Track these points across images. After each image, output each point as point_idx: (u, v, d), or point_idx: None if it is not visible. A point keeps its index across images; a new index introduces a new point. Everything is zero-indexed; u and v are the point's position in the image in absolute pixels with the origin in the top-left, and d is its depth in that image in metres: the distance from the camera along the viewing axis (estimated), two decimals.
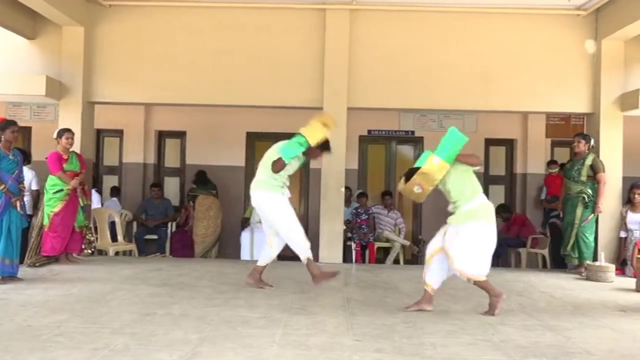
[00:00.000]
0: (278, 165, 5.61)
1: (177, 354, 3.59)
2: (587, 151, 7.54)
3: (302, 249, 5.67)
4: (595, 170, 7.42)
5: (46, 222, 6.88)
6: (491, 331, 4.36)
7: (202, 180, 9.91)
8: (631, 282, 6.60)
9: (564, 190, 7.79)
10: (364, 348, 3.83)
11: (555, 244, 8.77)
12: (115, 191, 10.39)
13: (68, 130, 7.11)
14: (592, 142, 7.62)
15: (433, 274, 5.00)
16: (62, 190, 6.89)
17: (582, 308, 5.36)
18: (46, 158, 7.02)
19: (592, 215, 7.42)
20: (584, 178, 7.42)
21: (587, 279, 7.02)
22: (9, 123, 6.02)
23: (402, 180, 5.09)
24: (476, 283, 4.95)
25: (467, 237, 4.84)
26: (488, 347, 3.95)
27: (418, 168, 4.94)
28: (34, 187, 7.50)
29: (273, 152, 5.79)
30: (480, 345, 3.98)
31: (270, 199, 5.69)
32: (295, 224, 5.68)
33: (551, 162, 9.98)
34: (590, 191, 7.39)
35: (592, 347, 4.01)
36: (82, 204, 7.12)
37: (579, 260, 7.48)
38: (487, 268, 4.95)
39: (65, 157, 7.02)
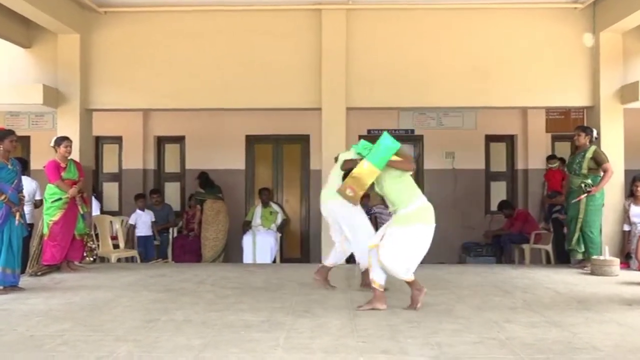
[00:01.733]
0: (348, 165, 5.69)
1: None
2: (588, 144, 7.41)
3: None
4: (598, 162, 7.24)
5: (46, 231, 6.85)
6: (496, 329, 4.33)
7: (208, 183, 9.84)
8: (636, 276, 6.57)
9: (567, 184, 7.69)
10: (370, 349, 3.81)
11: (559, 239, 8.73)
12: (141, 199, 9.93)
13: (66, 139, 7.08)
14: (595, 133, 7.46)
15: (378, 272, 5.00)
16: (60, 199, 6.86)
17: (588, 303, 5.32)
18: (44, 167, 7.00)
19: (585, 195, 7.19)
20: (584, 171, 7.27)
21: (592, 273, 6.98)
22: (8, 133, 6.00)
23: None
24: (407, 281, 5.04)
25: (400, 240, 4.90)
26: (494, 345, 3.92)
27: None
28: (38, 197, 7.45)
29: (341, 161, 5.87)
30: (487, 344, 3.95)
31: (344, 205, 5.65)
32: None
33: (551, 157, 9.92)
34: (590, 182, 7.21)
35: (598, 342, 3.98)
36: (81, 212, 7.09)
37: (584, 255, 7.36)
38: (414, 267, 5.02)
39: (63, 165, 6.99)
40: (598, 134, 7.59)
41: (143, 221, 9.55)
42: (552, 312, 4.93)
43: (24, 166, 7.76)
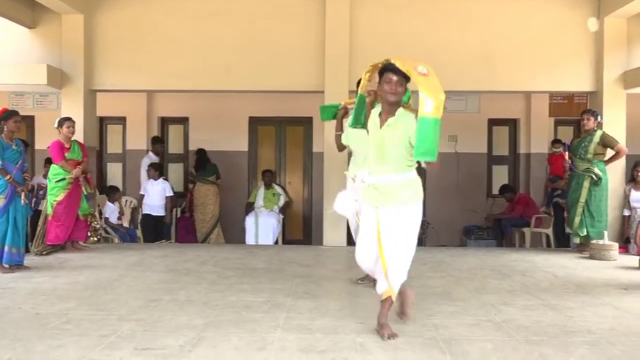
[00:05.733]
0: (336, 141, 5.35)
1: (182, 339, 3.66)
2: (595, 128, 7.33)
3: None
4: (609, 145, 7.22)
5: (50, 211, 6.92)
6: (493, 312, 4.40)
7: (202, 164, 9.92)
8: (634, 260, 6.60)
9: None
10: (367, 330, 3.87)
11: (559, 223, 8.78)
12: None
13: (69, 119, 7.12)
14: (600, 118, 7.44)
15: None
16: (64, 179, 6.93)
17: (585, 287, 5.38)
18: (48, 147, 7.06)
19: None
20: (590, 155, 7.22)
21: (591, 257, 7.03)
22: (12, 113, 6.05)
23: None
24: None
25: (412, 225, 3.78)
26: (490, 327, 3.99)
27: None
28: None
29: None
30: (483, 326, 4.02)
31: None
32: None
33: (555, 142, 9.92)
34: (597, 170, 7.17)
35: (593, 325, 4.05)
36: (85, 193, 7.16)
37: (585, 239, 7.31)
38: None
39: (67, 145, 7.04)
40: (601, 118, 7.58)
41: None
42: (549, 295, 5.00)
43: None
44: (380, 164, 3.79)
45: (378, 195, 3.76)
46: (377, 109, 3.97)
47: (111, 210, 8.93)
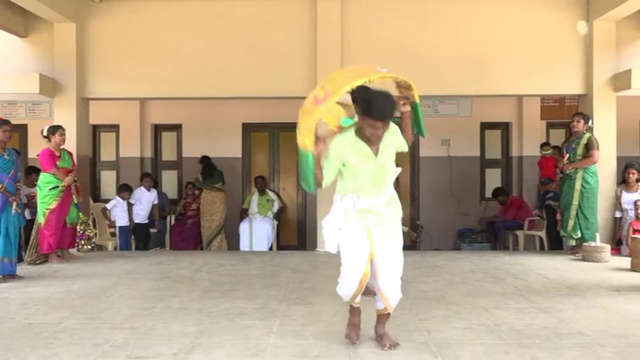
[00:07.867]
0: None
1: (176, 347, 3.66)
2: (584, 131, 7.42)
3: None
4: (589, 147, 7.28)
5: (42, 219, 6.89)
6: (486, 315, 4.42)
7: (208, 170, 9.90)
8: (626, 262, 6.65)
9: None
10: (361, 336, 3.88)
11: (552, 226, 8.82)
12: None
13: (60, 127, 7.12)
14: (590, 122, 7.50)
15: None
16: (57, 187, 6.92)
17: (577, 289, 5.41)
18: (38, 155, 7.04)
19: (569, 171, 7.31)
20: (579, 158, 7.30)
21: (583, 259, 7.07)
22: (1, 122, 6.04)
23: None
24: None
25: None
26: (482, 331, 4.01)
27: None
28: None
29: None
30: (475, 330, 4.04)
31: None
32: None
33: (544, 144, 9.95)
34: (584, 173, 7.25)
35: (584, 327, 4.07)
36: (75, 201, 7.14)
37: (579, 241, 7.34)
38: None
39: (57, 154, 7.04)
40: (592, 122, 7.62)
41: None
42: (541, 298, 5.02)
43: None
44: (377, 187, 3.60)
45: (371, 216, 3.61)
46: (349, 132, 3.60)
47: (114, 204, 8.90)
